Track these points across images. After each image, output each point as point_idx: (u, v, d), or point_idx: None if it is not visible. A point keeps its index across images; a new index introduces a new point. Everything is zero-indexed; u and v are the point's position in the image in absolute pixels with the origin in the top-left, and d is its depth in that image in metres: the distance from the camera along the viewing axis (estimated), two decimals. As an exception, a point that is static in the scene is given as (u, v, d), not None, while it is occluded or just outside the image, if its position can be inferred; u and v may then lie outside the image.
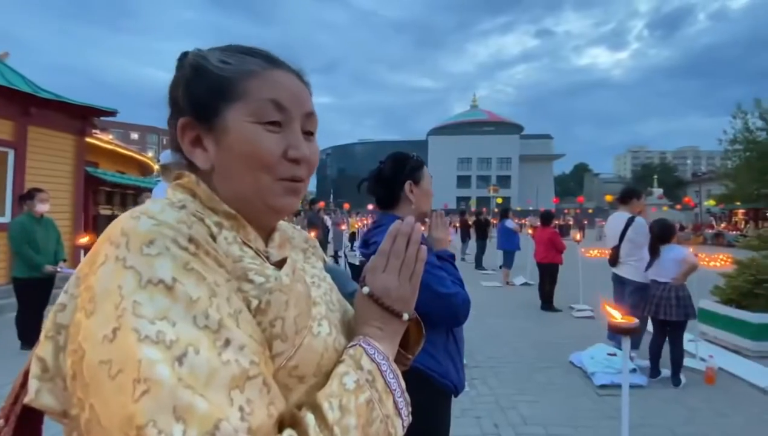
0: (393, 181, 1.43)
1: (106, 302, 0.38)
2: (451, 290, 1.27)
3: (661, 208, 30.22)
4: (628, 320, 1.50)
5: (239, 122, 0.50)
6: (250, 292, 0.46)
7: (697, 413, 3.07)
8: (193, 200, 0.50)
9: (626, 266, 4.06)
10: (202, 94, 0.51)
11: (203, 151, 0.52)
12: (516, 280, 8.62)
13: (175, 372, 0.35)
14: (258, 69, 0.52)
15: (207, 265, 0.43)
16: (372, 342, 0.53)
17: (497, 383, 3.57)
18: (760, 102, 23.74)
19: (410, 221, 0.58)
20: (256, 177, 0.51)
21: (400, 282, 0.55)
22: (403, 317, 0.56)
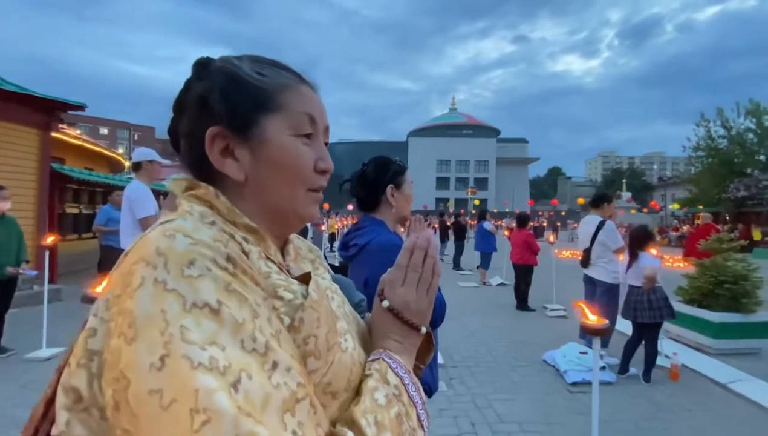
0: (375, 185, 1.45)
1: (149, 328, 0.36)
2: None
3: (630, 211, 31.46)
4: (599, 321, 1.57)
5: (280, 134, 0.51)
6: (280, 309, 0.45)
7: (662, 408, 3.22)
8: (213, 213, 0.48)
9: (597, 267, 4.21)
10: (240, 103, 0.50)
11: (234, 161, 0.51)
12: (493, 280, 8.79)
13: (233, 400, 0.34)
14: (292, 83, 0.54)
15: (246, 284, 0.42)
16: (393, 356, 0.54)
17: (474, 383, 3.64)
18: (722, 111, 25.10)
19: (427, 236, 0.60)
20: (293, 188, 0.53)
21: (418, 296, 0.56)
22: (421, 330, 0.57)
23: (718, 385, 3.64)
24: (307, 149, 0.53)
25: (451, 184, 63.93)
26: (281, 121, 0.52)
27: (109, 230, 5.47)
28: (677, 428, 2.92)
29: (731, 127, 24.83)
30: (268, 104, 0.51)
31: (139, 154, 3.35)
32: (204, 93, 0.51)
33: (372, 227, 1.44)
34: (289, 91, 0.53)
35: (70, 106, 6.92)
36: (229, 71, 0.52)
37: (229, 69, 0.52)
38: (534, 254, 6.50)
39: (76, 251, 8.67)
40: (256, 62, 0.54)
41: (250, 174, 0.51)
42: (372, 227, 1.44)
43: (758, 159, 24.28)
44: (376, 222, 1.46)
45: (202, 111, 0.51)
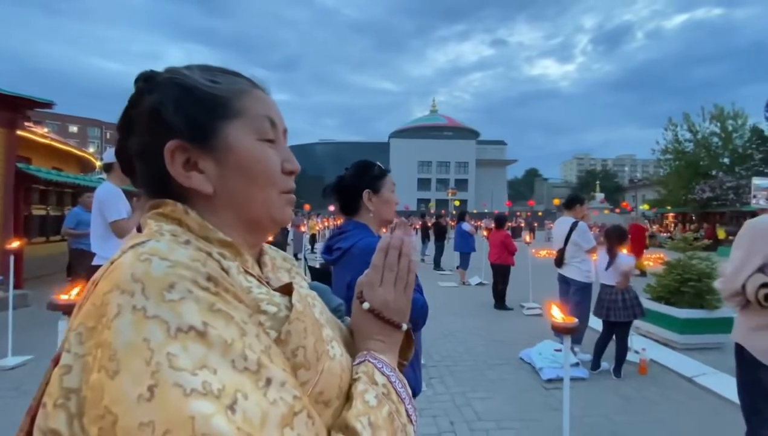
0: (352, 189, 1.47)
1: (133, 358, 0.34)
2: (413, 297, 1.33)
3: (603, 211, 32.50)
4: (568, 320, 1.63)
5: (244, 140, 0.50)
6: (266, 324, 0.44)
7: (631, 402, 3.35)
8: (184, 231, 0.47)
9: (570, 266, 4.35)
10: (197, 113, 0.49)
11: (199, 173, 0.49)
12: (472, 280, 8.92)
13: (232, 422, 0.34)
14: (247, 88, 0.53)
15: (230, 303, 0.41)
16: (378, 356, 0.55)
17: (453, 382, 3.69)
18: (688, 116, 26.27)
19: (399, 236, 0.60)
20: (266, 193, 0.52)
21: (396, 294, 0.57)
22: (402, 327, 0.58)
23: (684, 378, 3.81)
24: (273, 152, 0.53)
25: (432, 185, 64.48)
26: (243, 127, 0.51)
27: (78, 233, 5.28)
28: (645, 421, 3.04)
29: (697, 131, 26.01)
30: (226, 111, 0.50)
31: (111, 154, 3.25)
32: (156, 106, 0.48)
33: (355, 231, 1.46)
34: (246, 95, 0.52)
35: (37, 103, 6.64)
36: (180, 81, 0.50)
37: (180, 79, 0.50)
38: (511, 254, 6.64)
39: (43, 255, 8.31)
40: (205, 71, 0.53)
41: (218, 185, 0.50)
42: (355, 231, 1.46)
43: (722, 162, 25.54)
44: (359, 226, 1.48)
45: (155, 126, 0.48)
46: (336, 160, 60.28)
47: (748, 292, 1.73)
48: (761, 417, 1.86)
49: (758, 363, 1.79)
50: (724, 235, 18.67)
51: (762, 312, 1.76)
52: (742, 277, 1.75)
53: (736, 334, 1.93)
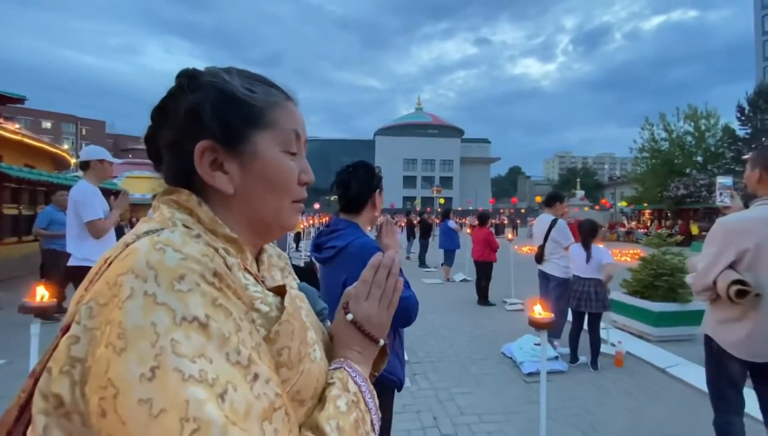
0: (366, 188, 1.52)
1: (139, 340, 0.37)
2: (405, 294, 1.36)
3: (583, 208, 33.25)
4: (545, 315, 1.68)
5: (270, 150, 0.54)
6: (257, 321, 0.47)
7: (607, 393, 3.46)
8: (194, 222, 0.50)
9: (550, 263, 4.46)
10: (233, 119, 0.52)
11: (224, 174, 0.52)
12: (456, 276, 9.03)
13: (221, 410, 0.36)
14: (280, 100, 0.57)
15: (230, 299, 0.44)
16: (353, 365, 0.58)
17: (436, 377, 3.74)
18: (664, 116, 27.10)
19: (391, 255, 0.64)
20: (280, 200, 0.56)
21: (379, 311, 0.61)
22: (379, 342, 0.62)
23: (658, 369, 3.96)
24: (294, 164, 0.57)
25: (418, 183, 64.74)
26: (271, 138, 0.54)
27: (51, 233, 5.11)
28: (620, 411, 3.15)
29: (672, 130, 26.88)
30: (259, 121, 0.54)
31: (88, 152, 3.16)
32: (195, 107, 0.51)
33: (349, 230, 1.49)
34: (279, 108, 0.56)
35: (8, 98, 6.40)
36: (221, 86, 0.53)
37: (221, 84, 0.53)
38: (494, 251, 6.75)
39: (16, 256, 8.03)
40: (245, 78, 0.56)
41: (238, 187, 0.53)
42: (349, 230, 1.49)
43: (696, 160, 26.45)
44: (351, 224, 1.51)
45: (191, 124, 0.51)
46: (322, 157, 59.57)
47: (719, 287, 1.80)
48: (727, 403, 1.96)
49: (725, 353, 1.88)
50: (697, 230, 19.37)
51: (729, 306, 1.84)
52: (714, 272, 1.82)
53: (706, 326, 2.02)
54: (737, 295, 1.73)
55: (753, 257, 1.77)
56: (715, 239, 1.89)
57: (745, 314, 1.82)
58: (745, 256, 1.78)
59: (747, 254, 1.77)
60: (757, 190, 1.90)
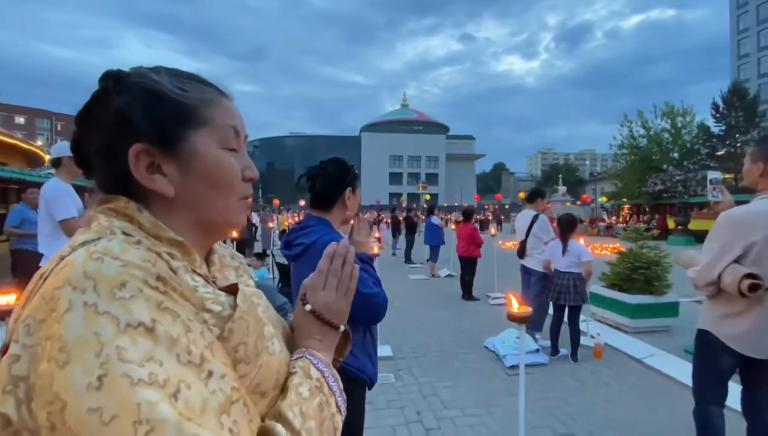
0: (336, 184, 1.49)
1: (83, 351, 0.37)
2: (373, 291, 1.35)
3: (565, 203, 33.91)
4: (523, 309, 1.71)
5: (209, 148, 0.53)
6: (210, 321, 0.47)
7: (586, 384, 3.55)
8: (135, 229, 0.49)
9: (531, 257, 4.54)
10: (166, 119, 0.51)
11: (163, 176, 0.51)
12: (441, 272, 9.10)
13: (174, 408, 0.37)
14: (214, 97, 0.55)
15: (177, 302, 0.44)
16: (315, 353, 0.61)
17: (420, 372, 3.77)
18: (642, 113, 27.74)
19: (345, 243, 0.66)
20: (227, 199, 0.55)
21: (337, 298, 0.64)
22: (339, 328, 0.65)
23: (635, 360, 4.08)
24: (235, 160, 0.56)
25: (404, 180, 64.89)
26: (209, 136, 0.53)
27: (22, 233, 4.94)
28: (598, 402, 3.24)
29: (650, 127, 27.54)
30: (194, 119, 0.52)
31: (60, 148, 3.05)
32: (124, 109, 0.49)
33: (318, 227, 1.46)
34: (213, 105, 0.55)
35: (-27, 92, 6.12)
36: (150, 87, 0.51)
37: (150, 84, 0.51)
38: (478, 247, 6.83)
39: (-15, 256, 7.71)
40: (175, 76, 0.54)
41: (179, 188, 0.52)
42: (318, 227, 1.46)
43: (672, 156, 27.20)
44: (322, 221, 1.49)
45: (121, 127, 0.50)
46: (307, 153, 58.93)
47: (725, 282, 1.76)
48: (711, 394, 1.99)
49: (723, 348, 1.87)
50: (673, 225, 19.95)
51: (731, 301, 1.82)
52: (720, 267, 1.78)
53: (705, 322, 1.98)
54: (750, 289, 1.69)
55: (759, 251, 1.73)
56: (720, 233, 1.84)
57: (749, 308, 1.79)
58: (752, 250, 1.74)
59: (754, 248, 1.74)
60: (758, 184, 1.85)
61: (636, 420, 2.95)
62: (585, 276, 4.02)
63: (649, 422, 2.92)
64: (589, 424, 2.90)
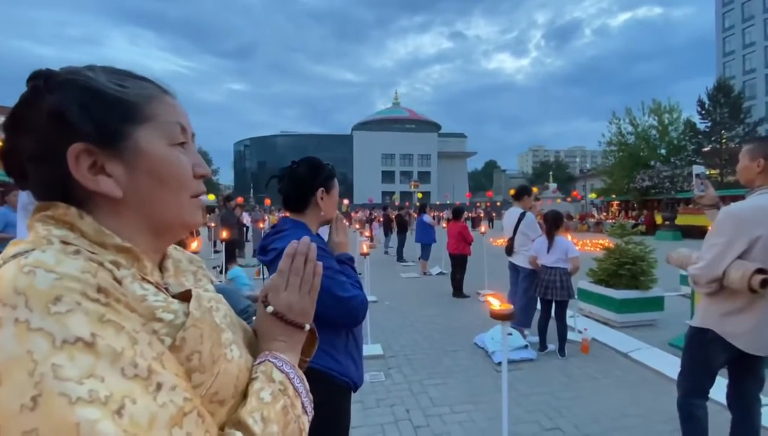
0: (306, 185, 1.43)
1: (15, 371, 0.35)
2: (351, 293, 1.31)
3: (556, 200, 34.20)
4: (504, 307, 1.73)
5: (155, 145, 0.51)
6: (161, 331, 0.46)
7: (574, 379, 3.60)
8: (76, 237, 0.46)
9: (519, 255, 4.58)
10: (107, 117, 0.48)
11: (108, 177, 0.48)
12: (432, 270, 9.14)
13: (118, 425, 0.36)
14: (156, 93, 0.54)
15: (121, 313, 0.42)
16: (279, 355, 0.60)
17: (411, 371, 3.79)
18: (630, 110, 28.11)
19: (306, 241, 0.64)
20: (178, 197, 0.53)
21: (301, 297, 0.63)
22: (305, 327, 0.64)
23: (621, 354, 4.14)
24: (184, 157, 0.54)
25: (396, 178, 64.90)
26: (154, 132, 0.51)
27: (8, 237, 4.85)
28: (586, 396, 3.29)
29: (637, 124, 27.92)
30: (136, 116, 0.50)
31: None
32: (59, 108, 0.46)
33: (292, 230, 1.40)
34: (155, 101, 0.53)
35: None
36: (85, 84, 0.48)
37: (85, 81, 0.48)
38: (468, 244, 6.87)
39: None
40: (112, 73, 0.52)
41: (127, 189, 0.50)
42: (292, 230, 1.40)
43: (659, 152, 27.60)
44: (297, 225, 1.43)
45: (58, 128, 0.46)
46: (298, 153, 57.71)
47: (732, 278, 1.74)
48: (697, 387, 2.01)
49: (725, 345, 1.85)
50: (660, 220, 20.24)
51: (733, 298, 1.81)
52: (725, 263, 1.76)
53: (705, 319, 1.94)
54: (762, 284, 1.67)
55: (763, 246, 1.73)
56: (724, 228, 1.82)
57: (751, 304, 1.78)
58: (756, 244, 1.73)
59: (758, 243, 1.73)
60: (755, 181, 1.85)
61: (622, 413, 3.00)
62: (572, 271, 4.08)
63: (635, 415, 2.97)
64: (576, 418, 2.94)
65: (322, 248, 1.34)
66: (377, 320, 5.22)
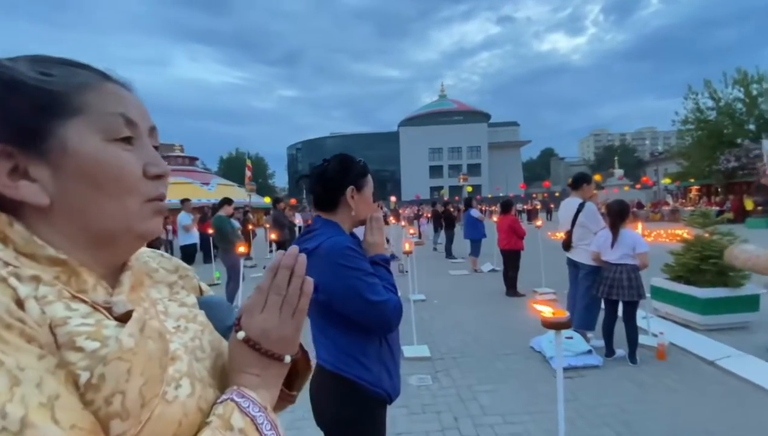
0: (335, 184, 1.37)
1: None
2: (382, 297, 1.23)
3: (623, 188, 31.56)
4: (558, 314, 1.50)
5: (87, 141, 0.44)
6: (78, 363, 0.38)
7: (648, 390, 3.18)
8: (3, 248, 0.41)
9: (578, 250, 4.15)
10: (23, 112, 0.42)
11: (31, 182, 0.42)
12: (484, 267, 8.76)
13: None
14: (92, 81, 0.46)
15: (8, 343, 0.35)
16: (246, 393, 0.48)
17: (459, 374, 3.59)
18: (709, 83, 25.03)
19: (294, 252, 0.52)
20: (122, 202, 0.45)
21: (281, 321, 0.50)
22: (284, 359, 0.52)
23: (706, 362, 3.61)
24: (129, 155, 0.46)
25: (445, 172, 63.90)
26: (85, 126, 0.44)
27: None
28: (661, 409, 2.88)
29: (719, 98, 24.78)
30: (61, 108, 0.43)
31: None
32: None
33: (323, 230, 1.35)
34: (89, 90, 0.45)
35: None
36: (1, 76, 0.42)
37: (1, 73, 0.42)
38: (520, 239, 6.45)
39: None
40: (37, 62, 0.44)
41: (56, 195, 0.43)
42: (323, 230, 1.35)
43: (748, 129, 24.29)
44: (328, 224, 1.37)
45: None
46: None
47: None
48: None
49: None
50: (752, 205, 17.83)
51: None
52: None
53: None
54: None
55: None
56: None
57: None
58: None
59: None
60: None
61: (705, 430, 2.59)
62: (640, 268, 3.61)
63: (721, 433, 2.55)
64: (649, 434, 2.58)
65: (352, 249, 1.25)
66: (424, 319, 5.05)
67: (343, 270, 1.21)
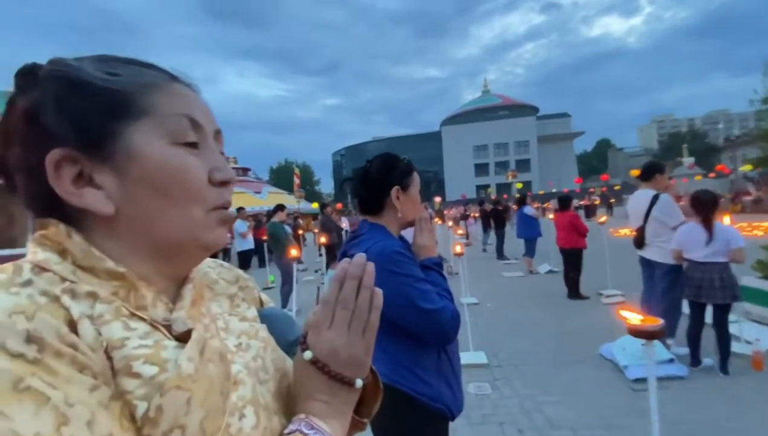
0: (379, 185, 1.30)
1: None
2: (437, 305, 1.14)
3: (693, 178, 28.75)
4: (650, 321, 1.31)
5: (152, 145, 0.41)
6: (135, 392, 0.34)
7: (743, 405, 2.79)
8: (60, 261, 0.38)
9: (653, 247, 3.74)
10: (88, 113, 0.39)
11: (96, 190, 0.40)
12: (540, 268, 8.30)
13: None
14: (159, 81, 0.43)
15: (57, 374, 0.31)
16: (316, 423, 0.44)
17: (521, 384, 3.37)
18: (794, 55, 22.16)
19: (361, 261, 0.46)
20: (187, 211, 0.42)
21: (350, 339, 0.45)
22: (355, 384, 0.46)
23: (816, 373, 3.11)
24: (195, 159, 0.43)
25: (491, 170, 62.09)
26: (152, 129, 0.41)
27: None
28: (760, 428, 2.50)
29: (810, 70, 21.82)
30: (127, 110, 0.40)
31: None
32: (31, 108, 0.38)
33: (370, 234, 1.28)
34: (156, 90, 0.42)
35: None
36: (63, 75, 0.39)
37: (64, 72, 0.40)
38: (582, 236, 6.01)
39: None
40: (104, 61, 0.42)
41: (121, 203, 0.40)
42: (370, 234, 1.28)
43: None
44: (375, 228, 1.30)
45: (34, 132, 0.39)
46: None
47: None
48: None
49: None
50: None
51: None
52: None
53: None
54: None
55: None
56: None
57: None
58: None
59: None
60: None
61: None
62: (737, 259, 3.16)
63: None
64: (755, 460, 2.24)
65: (401, 253, 1.17)
66: (478, 324, 4.84)
67: (392, 277, 1.13)
